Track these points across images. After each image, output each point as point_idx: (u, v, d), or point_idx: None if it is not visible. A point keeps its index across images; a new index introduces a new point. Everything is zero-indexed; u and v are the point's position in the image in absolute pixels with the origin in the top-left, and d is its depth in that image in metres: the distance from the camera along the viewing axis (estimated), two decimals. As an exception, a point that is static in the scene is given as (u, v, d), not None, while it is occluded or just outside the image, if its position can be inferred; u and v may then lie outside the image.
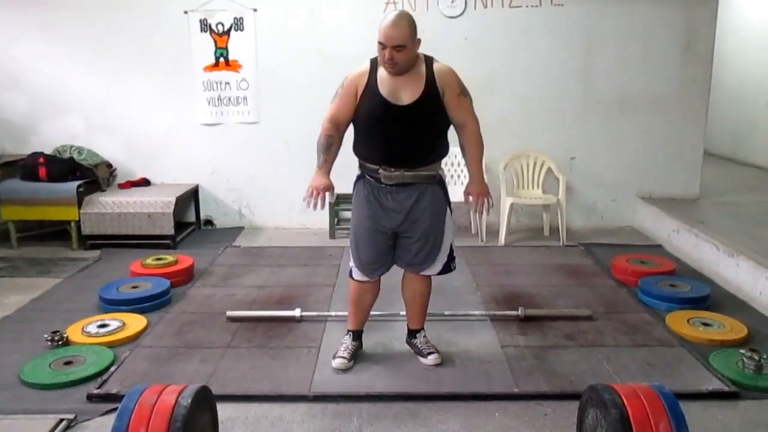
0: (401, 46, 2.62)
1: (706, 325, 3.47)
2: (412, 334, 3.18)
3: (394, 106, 2.71)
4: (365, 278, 2.99)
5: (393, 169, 2.79)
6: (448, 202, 2.96)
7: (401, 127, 2.73)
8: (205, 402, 2.12)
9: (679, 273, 4.35)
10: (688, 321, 3.51)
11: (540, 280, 4.34)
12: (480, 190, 2.90)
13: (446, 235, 2.95)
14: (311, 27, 5.47)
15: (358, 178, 2.94)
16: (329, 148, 2.84)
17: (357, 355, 3.12)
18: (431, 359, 3.07)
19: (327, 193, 2.82)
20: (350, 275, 3.06)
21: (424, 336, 3.16)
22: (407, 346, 3.20)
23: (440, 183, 2.93)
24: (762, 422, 2.63)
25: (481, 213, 2.98)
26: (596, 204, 5.78)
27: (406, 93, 2.71)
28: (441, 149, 2.90)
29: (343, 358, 3.04)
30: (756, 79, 7.54)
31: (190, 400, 1.97)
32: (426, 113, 2.74)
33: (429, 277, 3.05)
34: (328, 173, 2.87)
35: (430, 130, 2.80)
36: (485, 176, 3.04)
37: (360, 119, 2.81)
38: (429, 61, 2.78)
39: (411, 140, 2.76)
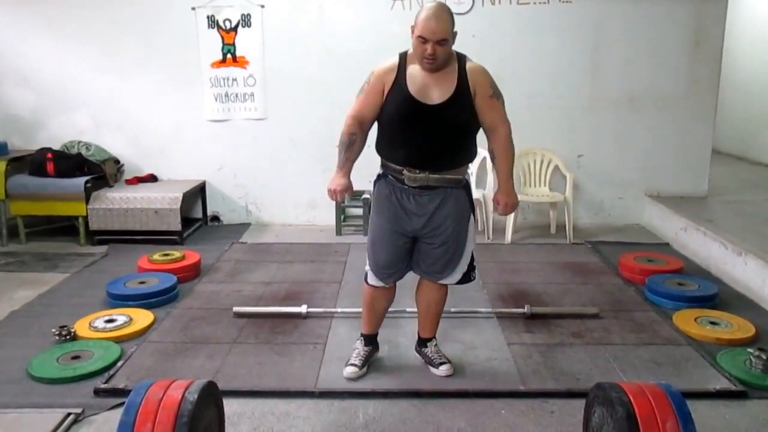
0: (444, 39, 2.49)
1: (713, 324, 3.45)
2: (422, 342, 3.06)
3: (423, 105, 2.58)
4: (380, 284, 2.87)
5: (418, 171, 2.66)
6: (473, 208, 2.83)
7: (429, 127, 2.61)
8: (211, 397, 2.12)
9: (687, 271, 4.33)
10: (695, 320, 3.49)
11: (546, 277, 4.33)
12: (509, 200, 2.76)
13: (468, 242, 2.82)
14: (319, 23, 5.47)
15: (379, 177, 2.81)
16: (351, 147, 2.70)
17: (370, 361, 3.02)
18: (443, 370, 2.94)
19: (345, 194, 2.73)
20: (365, 280, 2.93)
21: (436, 345, 3.05)
22: (414, 343, 3.14)
23: (465, 188, 2.79)
24: (770, 421, 2.62)
25: (506, 214, 2.93)
26: (603, 202, 5.76)
27: (436, 92, 2.58)
28: (469, 152, 2.76)
29: (355, 366, 2.93)
30: (766, 76, 7.48)
31: (196, 395, 1.97)
32: (456, 114, 2.60)
33: (446, 285, 2.92)
34: (348, 173, 2.74)
35: (459, 132, 2.67)
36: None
37: (386, 118, 2.68)
38: (462, 58, 2.64)
39: (438, 141, 2.63)
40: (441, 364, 2.96)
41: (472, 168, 5.37)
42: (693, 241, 4.77)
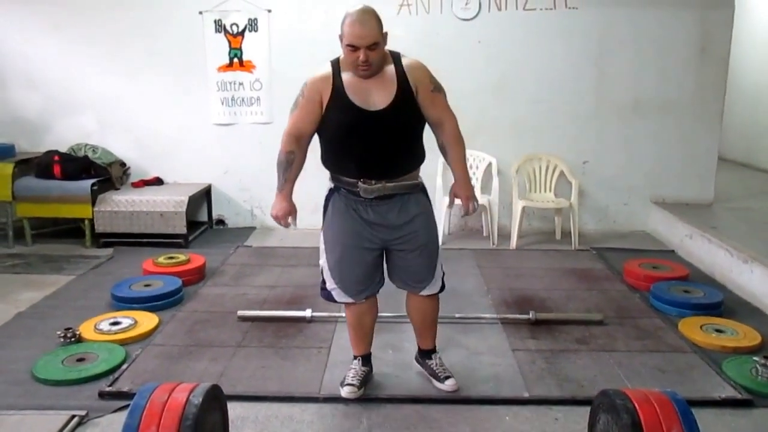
0: (375, 44, 2.39)
1: (719, 331, 3.44)
2: (424, 354, 2.95)
3: (368, 112, 2.46)
4: (350, 300, 2.74)
5: (374, 182, 2.54)
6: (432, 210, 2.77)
7: (378, 135, 2.49)
8: (215, 400, 2.13)
9: (692, 279, 4.31)
10: (700, 327, 3.48)
11: (551, 283, 4.33)
12: (467, 192, 2.71)
13: (438, 243, 2.80)
14: (325, 28, 5.46)
15: (331, 191, 2.69)
16: (290, 166, 2.59)
17: (367, 381, 2.87)
18: (449, 385, 2.83)
19: (290, 218, 2.67)
20: (328, 298, 2.79)
21: (440, 358, 2.93)
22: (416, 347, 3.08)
23: (423, 191, 2.72)
24: (775, 431, 2.61)
25: (469, 215, 2.81)
26: (608, 208, 5.75)
27: (378, 96, 2.47)
28: (420, 154, 2.68)
29: (352, 385, 2.78)
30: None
31: (201, 399, 1.98)
32: (403, 117, 2.51)
33: (436, 295, 2.82)
34: (290, 195, 2.67)
35: (408, 135, 2.58)
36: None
37: (329, 130, 2.56)
38: (397, 57, 2.54)
39: (390, 148, 2.53)
40: (446, 378, 2.86)
41: (478, 174, 5.39)
42: (698, 248, 4.76)
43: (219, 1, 5.41)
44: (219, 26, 5.47)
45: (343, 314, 3.61)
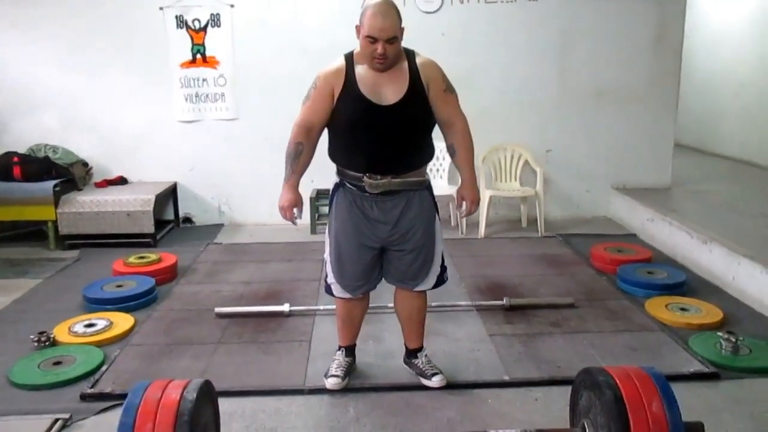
0: (393, 37, 2.41)
1: (683, 310, 3.59)
2: (411, 354, 2.93)
3: (378, 106, 2.48)
4: (348, 296, 2.76)
5: (379, 177, 2.55)
6: (437, 208, 2.76)
7: (387, 129, 2.51)
8: (208, 396, 2.13)
9: (656, 260, 4.48)
10: (666, 306, 3.63)
11: (521, 270, 4.43)
12: (474, 196, 2.73)
13: (437, 244, 2.74)
14: (289, 21, 5.46)
15: (336, 186, 2.69)
16: (298, 158, 2.59)
17: (351, 371, 2.91)
18: (436, 381, 2.82)
19: (296, 209, 2.66)
20: (327, 291, 2.81)
21: (426, 356, 2.92)
22: (398, 337, 3.07)
23: (428, 188, 2.72)
24: (742, 399, 2.75)
25: (471, 214, 2.85)
26: (572, 195, 5.90)
27: (389, 91, 2.49)
28: (428, 152, 2.69)
29: (337, 376, 2.81)
30: (721, 73, 7.76)
31: (195, 395, 1.98)
32: (413, 112, 2.52)
33: (424, 291, 2.83)
34: (296, 186, 2.64)
35: (417, 131, 2.59)
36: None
37: (339, 123, 2.56)
38: (411, 54, 2.56)
39: (398, 144, 2.54)
40: (434, 374, 2.85)
41: (445, 165, 5.46)
42: (659, 231, 4.94)
43: (180, -4, 5.34)
44: (181, 22, 5.40)
45: (321, 307, 3.69)
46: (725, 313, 3.54)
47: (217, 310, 3.66)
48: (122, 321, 3.52)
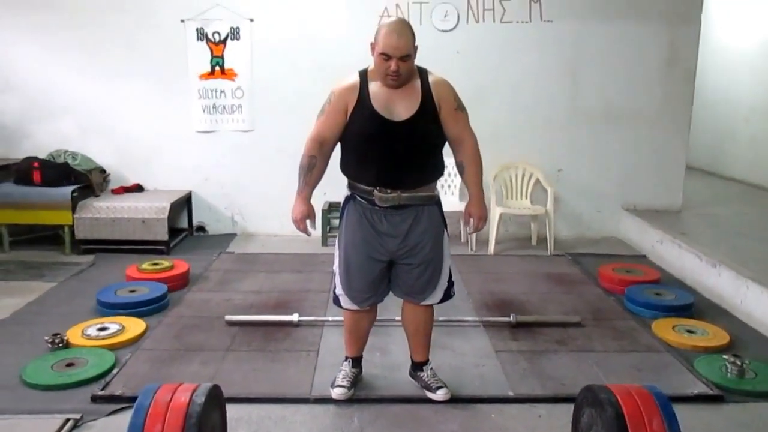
0: (407, 55, 2.48)
1: (690, 332, 3.60)
2: (417, 367, 2.97)
3: (390, 122, 2.54)
4: (355, 307, 2.81)
5: (389, 191, 2.61)
6: (445, 224, 2.80)
7: (398, 144, 2.57)
8: (216, 400, 2.19)
9: (664, 282, 4.49)
10: (673, 328, 3.64)
11: (529, 287, 4.46)
12: (481, 213, 2.76)
13: (445, 259, 2.79)
14: (307, 37, 5.56)
15: (347, 199, 2.75)
16: (311, 171, 2.65)
17: (357, 382, 2.95)
18: (441, 394, 2.85)
19: (308, 221, 2.70)
20: (336, 303, 2.86)
21: (431, 369, 2.95)
22: (404, 350, 3.12)
23: (438, 204, 2.77)
24: (746, 424, 2.76)
25: (478, 231, 2.90)
26: (582, 215, 5.92)
27: (401, 107, 2.55)
28: (438, 168, 2.75)
29: (343, 387, 2.86)
30: (733, 97, 7.78)
31: (203, 398, 2.04)
32: (424, 129, 2.59)
33: (431, 305, 2.87)
34: (308, 199, 2.70)
35: (428, 147, 2.66)
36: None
37: (351, 138, 2.63)
38: (423, 72, 2.63)
39: (408, 159, 2.60)
40: (438, 388, 2.87)
41: (456, 181, 5.51)
42: (669, 252, 4.95)
43: (201, 10, 5.46)
44: (201, 34, 5.52)
45: (329, 318, 3.73)
46: (732, 336, 3.55)
47: (228, 317, 3.72)
48: (134, 325, 3.58)
